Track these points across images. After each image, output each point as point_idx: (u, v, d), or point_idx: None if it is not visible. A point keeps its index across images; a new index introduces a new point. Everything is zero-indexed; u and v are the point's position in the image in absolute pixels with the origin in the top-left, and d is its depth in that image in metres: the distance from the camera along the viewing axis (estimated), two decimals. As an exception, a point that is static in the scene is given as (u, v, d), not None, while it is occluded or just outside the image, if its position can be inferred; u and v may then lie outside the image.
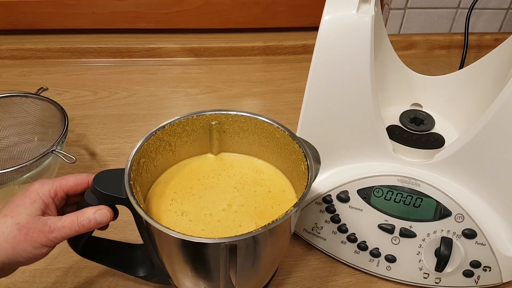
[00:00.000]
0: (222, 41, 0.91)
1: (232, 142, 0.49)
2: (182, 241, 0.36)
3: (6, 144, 0.63)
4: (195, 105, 0.79)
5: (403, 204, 0.49)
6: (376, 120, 0.48)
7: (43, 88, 0.64)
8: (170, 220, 0.43)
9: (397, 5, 0.87)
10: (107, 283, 0.51)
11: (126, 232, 0.57)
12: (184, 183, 0.47)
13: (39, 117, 0.63)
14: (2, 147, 0.63)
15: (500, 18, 0.91)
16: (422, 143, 0.52)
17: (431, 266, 0.49)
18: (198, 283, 0.43)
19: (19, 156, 0.62)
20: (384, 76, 0.58)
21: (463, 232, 0.47)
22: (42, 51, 0.87)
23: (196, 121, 0.47)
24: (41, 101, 0.62)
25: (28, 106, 0.63)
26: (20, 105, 0.63)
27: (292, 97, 0.82)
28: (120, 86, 0.83)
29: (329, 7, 0.47)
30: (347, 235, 0.52)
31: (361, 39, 0.45)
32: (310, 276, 0.53)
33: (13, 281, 0.51)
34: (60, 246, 0.54)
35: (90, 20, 0.89)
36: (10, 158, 0.63)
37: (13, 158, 0.63)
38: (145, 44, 0.89)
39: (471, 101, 0.56)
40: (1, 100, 0.62)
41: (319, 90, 0.48)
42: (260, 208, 0.44)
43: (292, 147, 0.45)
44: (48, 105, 0.62)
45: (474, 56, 0.91)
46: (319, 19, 0.46)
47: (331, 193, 0.51)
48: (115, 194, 0.39)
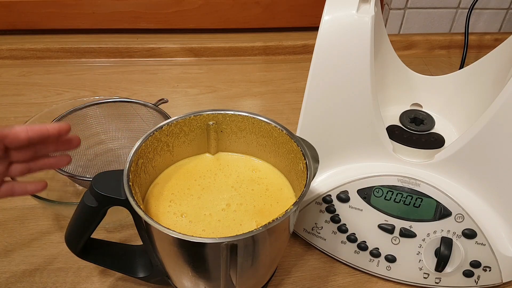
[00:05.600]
0: (222, 41, 0.91)
1: (229, 141, 0.49)
2: (183, 241, 0.36)
3: (116, 146, 0.65)
4: (195, 105, 0.79)
5: (403, 204, 0.49)
6: (376, 120, 0.48)
7: (163, 100, 0.65)
8: (170, 222, 0.43)
9: (397, 5, 0.87)
10: (107, 284, 0.51)
11: (125, 233, 0.57)
12: (181, 184, 0.47)
13: (152, 126, 0.63)
14: (111, 148, 0.64)
15: (500, 18, 0.91)
16: (422, 143, 0.52)
17: (431, 266, 0.49)
18: (198, 283, 0.43)
19: (123, 159, 0.63)
20: (384, 76, 0.58)
21: (463, 232, 0.47)
22: (42, 51, 0.87)
23: (193, 121, 0.47)
24: (157, 112, 0.63)
25: (144, 114, 0.64)
26: (137, 112, 0.64)
27: (292, 97, 0.82)
28: (120, 86, 0.83)
29: (329, 7, 0.47)
30: (347, 235, 0.51)
31: (361, 39, 0.45)
32: (310, 276, 0.53)
33: (13, 281, 0.51)
34: (60, 246, 0.55)
35: (90, 20, 0.89)
36: (114, 160, 0.64)
37: (117, 161, 0.64)
38: (145, 44, 0.89)
39: (471, 101, 0.55)
40: (122, 104, 0.63)
41: (319, 90, 0.48)
42: (259, 206, 0.44)
43: (290, 146, 0.45)
44: (163, 118, 0.62)
45: (474, 56, 0.90)
46: (319, 19, 0.46)
47: (331, 193, 0.51)
48: (114, 196, 0.39)
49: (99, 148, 0.64)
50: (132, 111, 0.64)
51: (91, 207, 0.40)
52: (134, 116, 0.64)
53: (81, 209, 0.41)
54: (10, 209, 0.59)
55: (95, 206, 0.40)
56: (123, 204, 0.39)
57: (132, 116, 0.64)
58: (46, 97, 0.79)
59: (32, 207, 0.59)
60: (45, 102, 0.78)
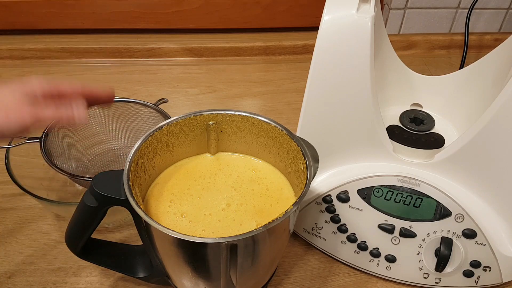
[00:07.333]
0: (222, 41, 0.90)
1: (229, 141, 0.49)
2: (183, 241, 0.36)
3: (116, 146, 0.64)
4: (195, 105, 0.79)
5: (403, 204, 0.49)
6: (376, 120, 0.48)
7: (163, 100, 0.65)
8: (170, 222, 0.43)
9: (397, 5, 0.87)
10: (107, 284, 0.51)
11: (125, 233, 0.57)
12: (181, 184, 0.47)
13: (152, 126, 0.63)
14: (111, 148, 0.64)
15: (500, 18, 0.91)
16: (422, 143, 0.52)
17: (431, 266, 0.49)
18: (198, 283, 0.43)
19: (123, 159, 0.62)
20: (384, 76, 0.58)
21: (463, 232, 0.47)
22: (42, 51, 0.87)
23: (193, 121, 0.47)
24: (157, 112, 0.63)
25: (144, 114, 0.64)
26: (138, 112, 0.64)
27: (292, 97, 0.82)
28: (120, 86, 0.82)
29: (329, 7, 0.47)
30: (347, 235, 0.51)
31: (361, 39, 0.45)
32: (310, 276, 0.53)
33: (13, 281, 0.51)
34: (60, 246, 0.55)
35: (90, 20, 0.89)
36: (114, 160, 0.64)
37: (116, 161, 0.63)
38: (145, 44, 0.89)
39: (471, 101, 0.55)
40: (122, 104, 0.63)
41: (319, 90, 0.48)
42: (259, 206, 0.44)
43: (290, 146, 0.45)
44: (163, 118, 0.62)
45: (474, 56, 0.90)
46: (319, 19, 0.46)
47: (331, 193, 0.51)
48: (114, 196, 0.39)
49: (99, 148, 0.64)
50: (132, 111, 0.64)
51: (91, 207, 0.40)
52: (134, 116, 0.64)
53: (81, 209, 0.41)
54: (10, 209, 0.59)
55: (95, 206, 0.40)
56: (123, 204, 0.39)
57: (132, 116, 0.64)
58: (46, 97, 0.79)
59: (32, 207, 0.59)
60: (45, 102, 0.78)
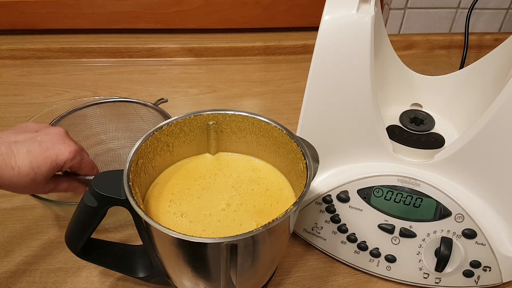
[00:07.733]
0: (222, 41, 0.91)
1: (229, 141, 0.49)
2: (183, 241, 0.36)
3: (116, 146, 0.65)
4: (195, 105, 0.79)
5: (403, 204, 0.49)
6: (376, 120, 0.48)
7: (163, 100, 0.65)
8: (170, 222, 0.43)
9: (397, 5, 0.87)
10: (107, 284, 0.51)
11: (125, 233, 0.57)
12: (181, 184, 0.47)
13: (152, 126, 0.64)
14: (111, 148, 0.65)
15: (500, 18, 0.91)
16: (422, 143, 0.52)
17: (431, 266, 0.49)
18: (198, 283, 0.43)
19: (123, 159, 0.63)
20: (384, 76, 0.58)
21: (463, 232, 0.47)
22: (42, 51, 0.87)
23: (193, 121, 0.47)
24: (157, 112, 0.63)
25: (144, 114, 0.64)
26: (138, 112, 0.64)
27: (292, 97, 0.82)
28: (120, 86, 0.83)
29: (329, 7, 0.47)
30: (347, 235, 0.51)
31: (361, 39, 0.45)
32: (310, 276, 0.53)
33: (13, 281, 0.51)
34: (60, 246, 0.55)
35: (90, 20, 0.89)
36: (114, 160, 0.64)
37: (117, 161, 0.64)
38: (145, 44, 0.89)
39: (471, 101, 0.55)
40: (122, 104, 0.63)
41: (319, 90, 0.48)
42: (259, 206, 0.44)
43: (290, 146, 0.45)
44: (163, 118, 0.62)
45: (474, 56, 0.90)
46: (319, 19, 0.46)
47: (331, 193, 0.51)
48: (114, 196, 0.39)
49: (99, 148, 0.64)
50: (132, 111, 0.64)
51: (91, 207, 0.40)
52: (134, 116, 0.64)
53: (81, 209, 0.41)
54: (10, 209, 0.59)
55: (95, 206, 0.40)
56: (123, 204, 0.39)
57: (132, 116, 0.64)
58: (46, 97, 0.79)
59: (32, 207, 0.59)
60: (45, 102, 0.78)
